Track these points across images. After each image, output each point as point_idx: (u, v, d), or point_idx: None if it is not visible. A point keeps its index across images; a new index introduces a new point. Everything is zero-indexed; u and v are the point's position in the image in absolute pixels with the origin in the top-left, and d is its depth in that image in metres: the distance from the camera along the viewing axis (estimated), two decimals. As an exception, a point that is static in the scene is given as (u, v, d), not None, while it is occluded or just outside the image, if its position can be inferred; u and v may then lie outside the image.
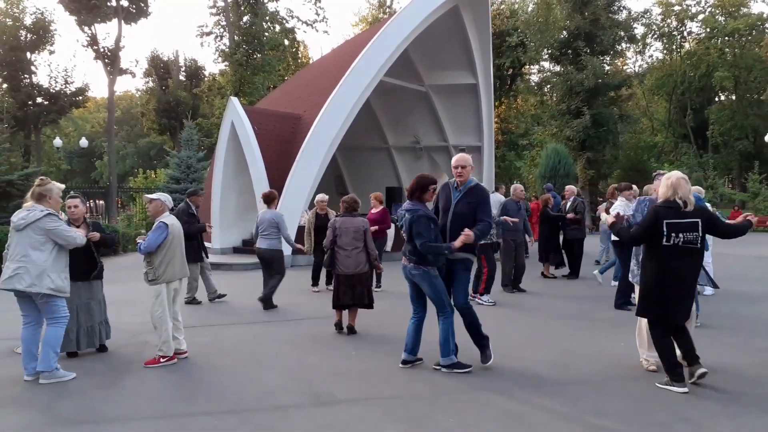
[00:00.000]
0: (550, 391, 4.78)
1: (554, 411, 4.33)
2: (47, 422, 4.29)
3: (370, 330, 6.89)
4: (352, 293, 6.74)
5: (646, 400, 4.53)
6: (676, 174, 4.78)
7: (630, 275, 5.86)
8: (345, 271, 6.78)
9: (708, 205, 6.59)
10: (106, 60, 35.59)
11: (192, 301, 9.05)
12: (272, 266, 8.74)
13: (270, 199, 8.88)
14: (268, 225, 8.62)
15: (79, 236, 5.32)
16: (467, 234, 4.96)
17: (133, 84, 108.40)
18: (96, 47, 35.36)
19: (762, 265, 12.02)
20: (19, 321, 5.31)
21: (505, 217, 9.26)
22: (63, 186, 5.45)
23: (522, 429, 4.01)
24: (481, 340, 5.42)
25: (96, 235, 5.84)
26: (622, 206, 8.64)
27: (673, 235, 4.60)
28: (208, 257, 9.56)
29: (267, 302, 8.50)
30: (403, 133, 21.51)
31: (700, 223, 4.63)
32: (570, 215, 11.29)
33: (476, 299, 8.83)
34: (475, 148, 20.43)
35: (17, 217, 5.14)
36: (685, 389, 4.64)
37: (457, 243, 4.98)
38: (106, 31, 55.41)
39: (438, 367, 5.25)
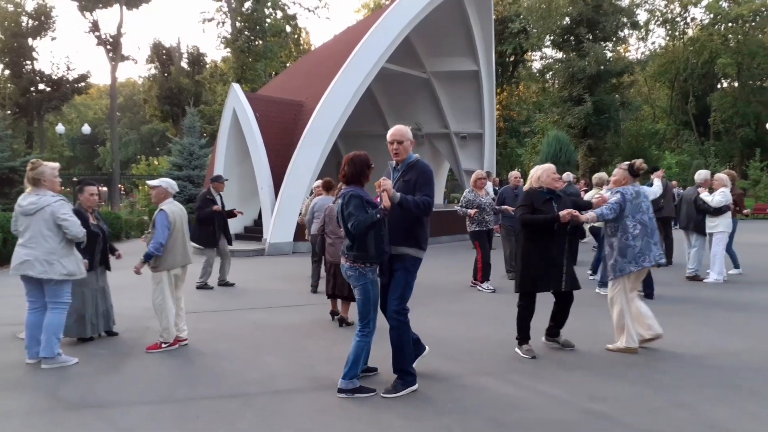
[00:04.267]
0: (548, 376, 4.83)
1: (551, 396, 4.38)
2: (50, 406, 4.35)
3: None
4: (334, 282, 6.57)
5: (643, 384, 4.58)
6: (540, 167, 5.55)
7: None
8: (329, 258, 6.69)
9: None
10: (108, 46, 35.52)
11: (203, 286, 9.15)
12: None
13: (329, 187, 8.61)
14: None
15: (83, 232, 5.31)
16: (387, 187, 4.09)
17: (136, 71, 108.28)
18: (97, 33, 35.30)
19: (754, 252, 12.06)
20: (24, 305, 5.36)
21: (505, 206, 9.27)
22: (56, 165, 5.42)
23: (518, 413, 4.06)
24: (403, 365, 4.44)
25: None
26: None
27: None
28: (231, 243, 9.67)
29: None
30: (405, 119, 21.30)
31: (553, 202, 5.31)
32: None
33: (477, 287, 8.89)
34: (476, 135, 20.41)
35: (26, 202, 5.13)
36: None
37: (385, 201, 4.07)
38: (108, 17, 55.25)
39: (339, 393, 4.40)
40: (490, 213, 9.03)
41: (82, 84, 38.42)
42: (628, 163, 5.89)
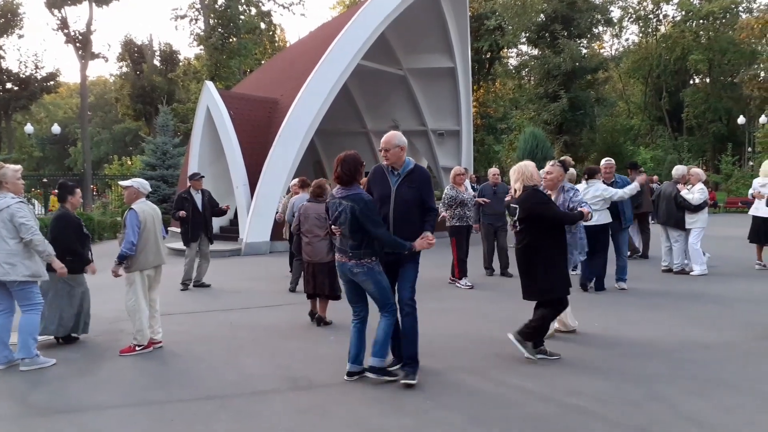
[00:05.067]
0: (526, 371, 4.83)
1: (530, 391, 4.39)
2: (21, 412, 4.23)
3: (349, 315, 6.87)
4: (314, 282, 6.50)
5: (621, 379, 4.60)
6: (526, 165, 5.21)
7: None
8: (306, 258, 6.62)
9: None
10: (78, 44, 34.81)
11: (184, 284, 9.13)
12: None
13: (305, 185, 8.47)
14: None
15: (39, 238, 5.07)
16: (430, 240, 4.49)
17: (107, 69, 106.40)
18: (66, 31, 34.58)
19: (726, 245, 12.26)
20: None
21: (478, 199, 9.30)
22: (18, 167, 5.32)
23: (498, 410, 4.05)
24: (412, 353, 4.63)
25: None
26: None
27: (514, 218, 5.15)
28: (212, 242, 9.61)
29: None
30: (382, 117, 21.41)
31: (518, 209, 5.08)
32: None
33: (456, 284, 8.89)
34: (453, 132, 20.44)
35: None
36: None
37: (417, 245, 4.45)
38: (77, 15, 54.32)
39: (370, 372, 4.60)
40: (471, 208, 9.05)
41: (51, 83, 37.69)
42: (561, 159, 5.98)
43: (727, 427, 3.69)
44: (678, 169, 9.90)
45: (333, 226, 4.60)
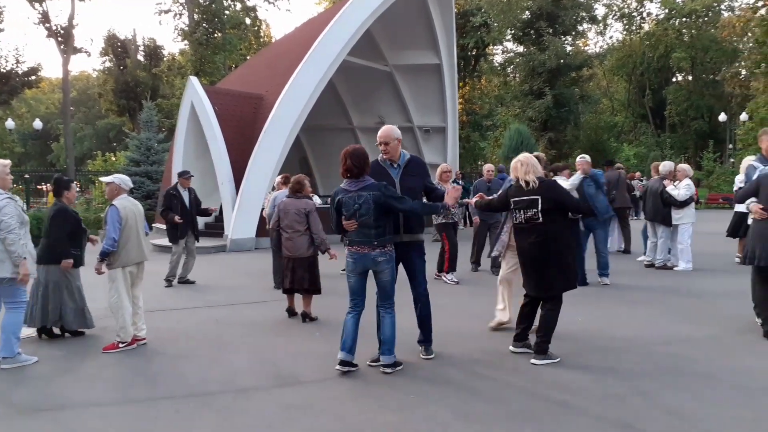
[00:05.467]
0: (511, 366, 4.86)
1: (515, 386, 4.41)
2: (3, 412, 4.17)
3: (335, 311, 6.85)
4: (292, 277, 6.56)
5: (604, 373, 4.65)
6: (517, 157, 5.14)
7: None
8: (286, 253, 6.65)
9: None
10: (59, 38, 34.29)
11: (168, 280, 9.05)
12: None
13: (287, 181, 8.45)
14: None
15: (14, 238, 4.94)
16: (456, 188, 4.83)
17: (89, 64, 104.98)
18: (48, 25, 33.98)
19: (708, 240, 12.41)
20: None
21: (466, 199, 9.33)
22: (7, 162, 5.25)
23: (482, 404, 4.07)
24: (429, 334, 5.12)
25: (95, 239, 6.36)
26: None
27: (516, 212, 4.99)
28: (198, 240, 9.56)
29: None
30: (368, 113, 21.38)
31: (540, 200, 4.85)
32: None
33: (442, 278, 8.92)
34: (439, 128, 20.47)
35: None
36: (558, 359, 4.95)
37: (450, 200, 4.75)
38: (59, 8, 53.46)
39: (374, 365, 4.80)
40: (456, 206, 9.05)
41: (33, 77, 36.99)
42: (535, 155, 5.98)
43: (709, 421, 3.73)
44: (665, 165, 9.98)
45: (347, 222, 4.58)
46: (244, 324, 6.56)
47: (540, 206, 4.83)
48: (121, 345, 5.51)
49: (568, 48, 32.03)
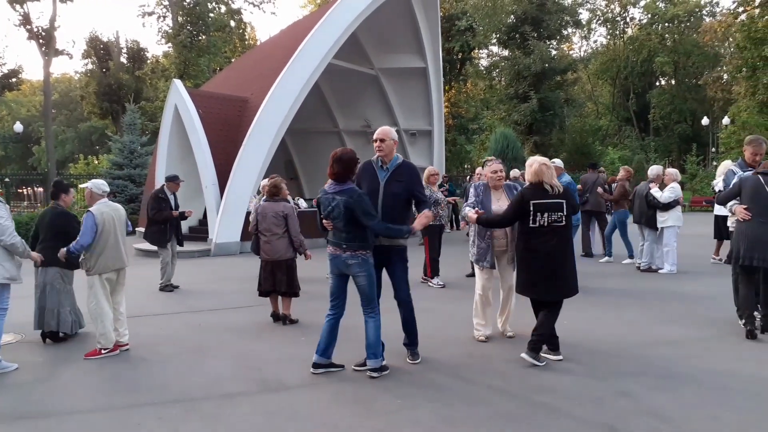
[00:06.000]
0: (496, 370, 4.87)
1: (499, 389, 4.42)
2: (-20, 420, 4.10)
3: (319, 315, 6.82)
4: (273, 280, 6.60)
5: (587, 375, 4.67)
6: (537, 160, 5.07)
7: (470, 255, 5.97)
8: (265, 256, 6.68)
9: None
10: (41, 40, 33.90)
11: (167, 287, 8.92)
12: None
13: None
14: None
15: (11, 240, 5.06)
16: (428, 215, 4.69)
17: (72, 66, 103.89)
18: (29, 27, 33.60)
19: (691, 243, 12.55)
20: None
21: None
22: None
23: (467, 408, 4.07)
24: (414, 338, 5.10)
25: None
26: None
27: (538, 215, 4.88)
28: (181, 245, 9.46)
29: None
30: (354, 116, 21.37)
31: (564, 204, 4.92)
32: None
33: (428, 282, 8.93)
34: (425, 132, 20.52)
35: None
36: (560, 357, 5.04)
37: (417, 225, 4.67)
38: (40, 10, 52.68)
39: (360, 369, 4.82)
40: (443, 208, 9.12)
41: (14, 80, 36.50)
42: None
43: (691, 422, 3.76)
44: (653, 169, 10.08)
45: (325, 221, 4.69)
46: (228, 329, 6.50)
47: (565, 210, 4.91)
48: (103, 351, 5.44)
49: (553, 52, 32.26)
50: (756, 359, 5.05)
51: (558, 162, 8.60)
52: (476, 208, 5.44)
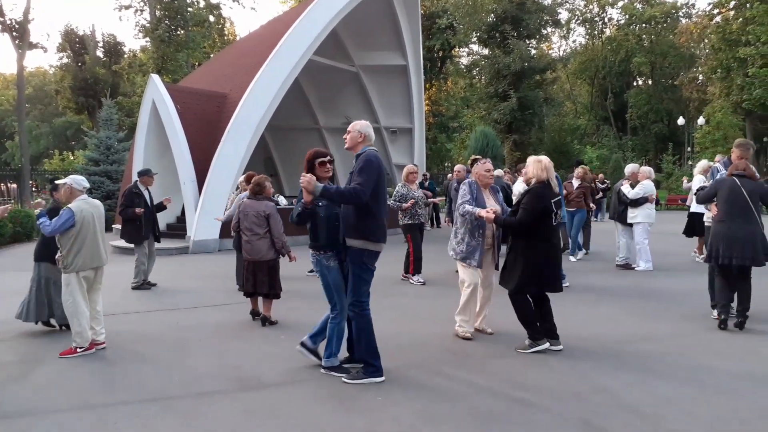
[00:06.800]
0: (475, 366, 4.90)
1: (478, 386, 4.44)
2: (-50, 420, 4.01)
3: (301, 314, 6.82)
4: (254, 280, 6.42)
5: (564, 371, 4.72)
6: (542, 157, 5.15)
7: (451, 251, 5.86)
8: (246, 256, 6.52)
9: None
10: (14, 33, 33.20)
11: (140, 286, 8.74)
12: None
13: (249, 180, 8.35)
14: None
15: None
16: (305, 177, 4.33)
17: (46, 59, 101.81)
18: (2, 19, 32.90)
19: (666, 241, 12.75)
20: None
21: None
22: None
23: (447, 404, 4.09)
24: (362, 354, 4.58)
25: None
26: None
27: (555, 213, 5.04)
28: (158, 242, 9.29)
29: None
30: (334, 113, 21.32)
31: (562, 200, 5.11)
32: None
33: (409, 280, 8.95)
34: (406, 129, 20.54)
35: None
36: (548, 345, 5.16)
37: (305, 196, 4.38)
38: (14, 2, 51.61)
39: (323, 369, 4.75)
40: (422, 206, 9.11)
41: (-14, 73, 35.82)
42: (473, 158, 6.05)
43: (666, 417, 3.82)
44: (629, 167, 10.28)
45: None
46: (206, 327, 6.44)
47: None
48: (78, 350, 5.35)
49: (533, 51, 32.51)
50: (731, 355, 5.14)
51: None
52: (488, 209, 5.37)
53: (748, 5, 30.86)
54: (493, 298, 5.89)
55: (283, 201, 10.72)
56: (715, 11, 34.51)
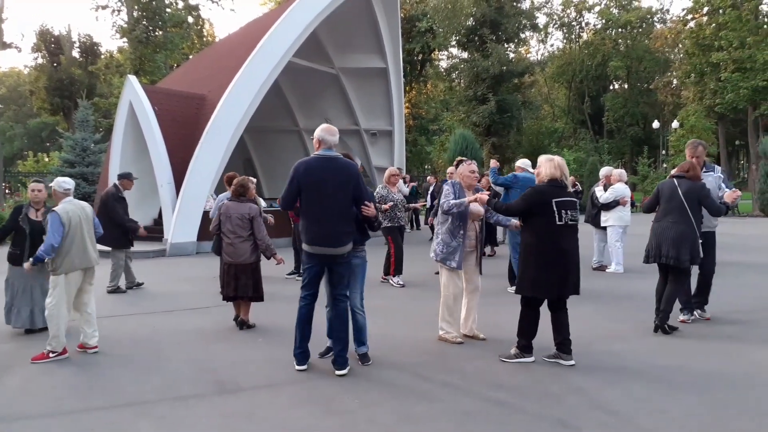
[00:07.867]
0: (451, 366, 4.93)
1: (455, 386, 4.48)
2: None
3: (280, 317, 6.78)
4: (236, 284, 6.24)
5: (541, 372, 4.77)
6: (553, 156, 5.10)
7: (432, 253, 5.78)
8: (227, 259, 6.36)
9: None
10: (-12, 32, 32.61)
11: (116, 290, 8.59)
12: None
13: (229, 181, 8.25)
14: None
15: None
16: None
17: (20, 60, 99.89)
18: (-25, 18, 32.29)
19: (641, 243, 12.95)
20: None
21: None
22: None
23: (424, 405, 4.11)
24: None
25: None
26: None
27: (563, 212, 4.84)
28: (132, 244, 9.09)
29: None
30: (314, 115, 21.24)
31: (577, 202, 5.05)
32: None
33: (389, 281, 8.97)
34: (386, 132, 20.57)
35: None
36: (533, 359, 5.04)
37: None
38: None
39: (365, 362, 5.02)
40: (402, 209, 9.14)
41: (-41, 73, 35.13)
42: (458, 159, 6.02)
43: (639, 416, 3.89)
44: (603, 170, 10.43)
45: None
46: (183, 331, 6.38)
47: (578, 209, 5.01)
48: (51, 355, 5.26)
49: (511, 55, 32.83)
50: (702, 354, 5.25)
51: (522, 162, 8.69)
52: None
53: (720, 11, 31.53)
54: (481, 299, 5.89)
55: (262, 203, 10.63)
56: (689, 17, 35.20)
